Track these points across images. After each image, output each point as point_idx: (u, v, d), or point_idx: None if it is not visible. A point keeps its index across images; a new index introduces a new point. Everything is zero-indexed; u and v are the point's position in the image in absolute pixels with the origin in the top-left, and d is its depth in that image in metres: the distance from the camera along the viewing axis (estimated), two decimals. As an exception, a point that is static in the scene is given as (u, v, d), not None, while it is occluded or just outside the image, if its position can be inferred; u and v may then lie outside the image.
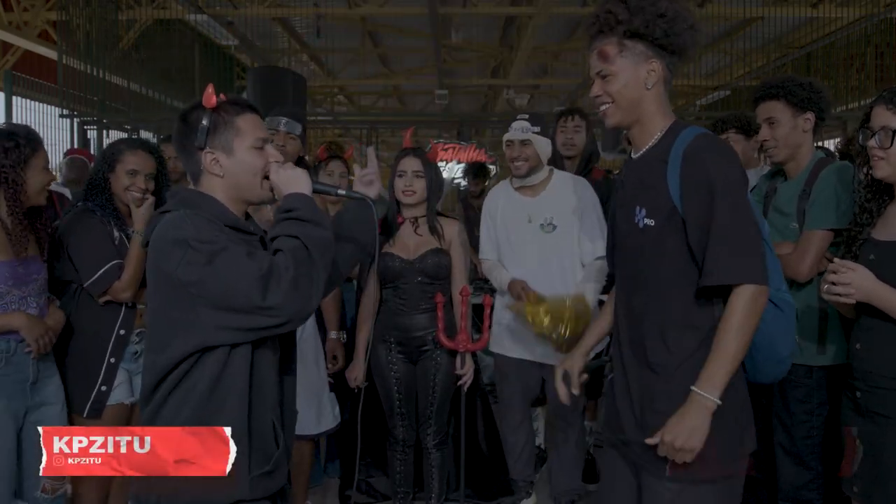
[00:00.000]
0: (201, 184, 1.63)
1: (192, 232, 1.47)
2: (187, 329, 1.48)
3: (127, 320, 2.56)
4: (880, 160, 1.90)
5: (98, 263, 2.46)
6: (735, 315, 1.59)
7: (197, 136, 1.58)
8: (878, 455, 1.87)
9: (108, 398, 2.51)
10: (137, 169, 2.58)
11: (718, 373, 1.58)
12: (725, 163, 1.62)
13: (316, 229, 1.53)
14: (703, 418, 1.58)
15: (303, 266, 1.47)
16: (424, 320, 2.86)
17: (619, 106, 1.70)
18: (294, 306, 1.46)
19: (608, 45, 1.68)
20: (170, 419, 1.52)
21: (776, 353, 1.74)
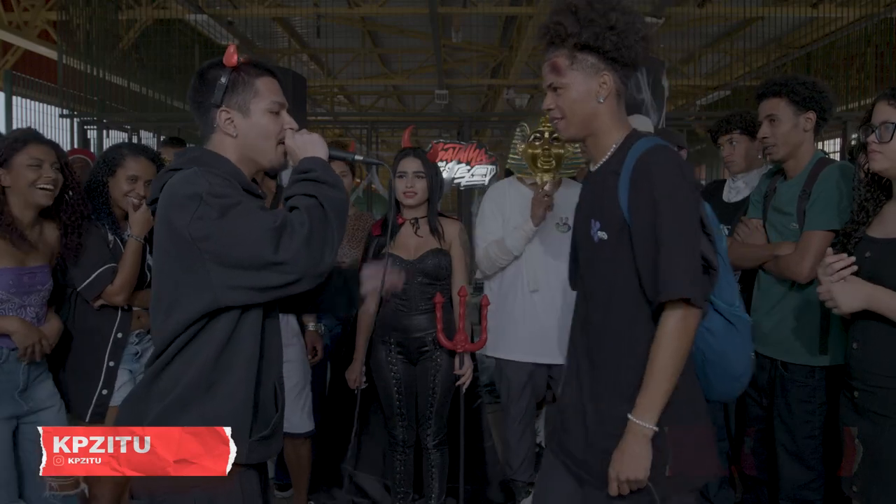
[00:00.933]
0: (212, 142, 1.60)
1: (204, 186, 1.45)
2: (198, 289, 1.45)
3: (124, 323, 2.55)
4: (878, 154, 1.90)
5: (91, 267, 2.44)
6: (665, 337, 1.55)
7: (214, 93, 1.56)
8: (877, 454, 1.87)
9: (111, 401, 2.51)
10: (138, 175, 2.57)
11: (653, 398, 1.55)
12: (671, 177, 1.57)
13: (332, 190, 1.51)
14: (641, 447, 1.55)
15: (318, 224, 1.45)
16: (424, 321, 2.85)
17: (571, 120, 1.68)
18: (307, 263, 1.43)
19: (559, 58, 1.65)
20: (172, 382, 1.50)
21: (730, 370, 1.70)
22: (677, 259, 1.54)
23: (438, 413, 2.93)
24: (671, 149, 1.65)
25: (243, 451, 1.51)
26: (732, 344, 1.68)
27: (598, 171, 1.72)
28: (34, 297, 2.33)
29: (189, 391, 1.49)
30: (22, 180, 2.28)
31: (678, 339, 1.55)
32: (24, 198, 2.30)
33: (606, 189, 1.65)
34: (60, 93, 7.75)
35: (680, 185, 1.58)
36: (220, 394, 1.50)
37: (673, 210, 1.55)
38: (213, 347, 1.49)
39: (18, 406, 2.31)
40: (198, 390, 1.49)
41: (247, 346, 1.52)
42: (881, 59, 9.01)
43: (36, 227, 2.37)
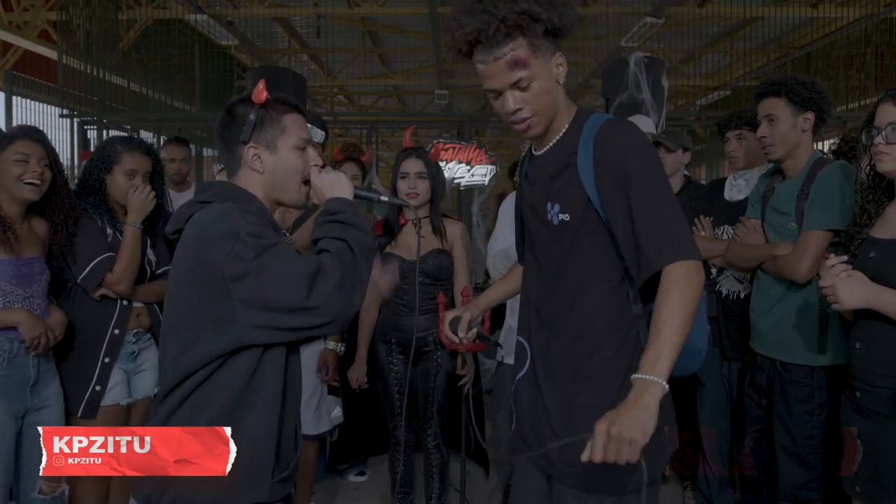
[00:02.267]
0: (238, 178, 1.60)
1: (243, 225, 1.43)
2: (222, 326, 1.43)
3: (122, 319, 2.55)
4: (886, 155, 1.89)
5: (89, 258, 2.44)
6: (672, 291, 1.42)
7: (242, 130, 1.56)
8: (879, 454, 1.87)
9: (103, 398, 2.50)
10: (136, 169, 2.56)
11: (663, 354, 1.38)
12: (638, 146, 1.50)
13: (361, 234, 1.51)
14: (653, 406, 1.35)
15: (348, 268, 1.45)
16: (426, 321, 2.85)
17: (544, 113, 1.55)
18: (338, 307, 1.42)
19: (519, 50, 1.48)
20: (189, 420, 1.46)
21: (693, 344, 1.55)
22: (671, 222, 1.47)
23: (439, 413, 2.93)
24: (625, 120, 1.61)
25: (265, 490, 1.50)
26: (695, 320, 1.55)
27: (547, 153, 1.62)
28: (36, 288, 2.34)
29: None
30: (7, 175, 2.28)
31: (687, 290, 1.42)
32: (11, 192, 2.30)
33: (563, 170, 1.56)
34: (60, 93, 7.75)
35: (647, 154, 1.51)
36: (242, 435, 1.46)
37: (649, 178, 1.48)
38: (235, 385, 1.46)
39: (26, 401, 2.32)
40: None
41: (270, 384, 1.50)
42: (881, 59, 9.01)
43: (24, 223, 2.37)
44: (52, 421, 2.38)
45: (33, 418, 2.34)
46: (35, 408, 2.35)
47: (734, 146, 3.01)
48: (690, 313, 1.42)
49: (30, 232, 2.38)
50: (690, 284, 1.43)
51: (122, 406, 2.57)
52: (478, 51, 1.52)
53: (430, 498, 3.03)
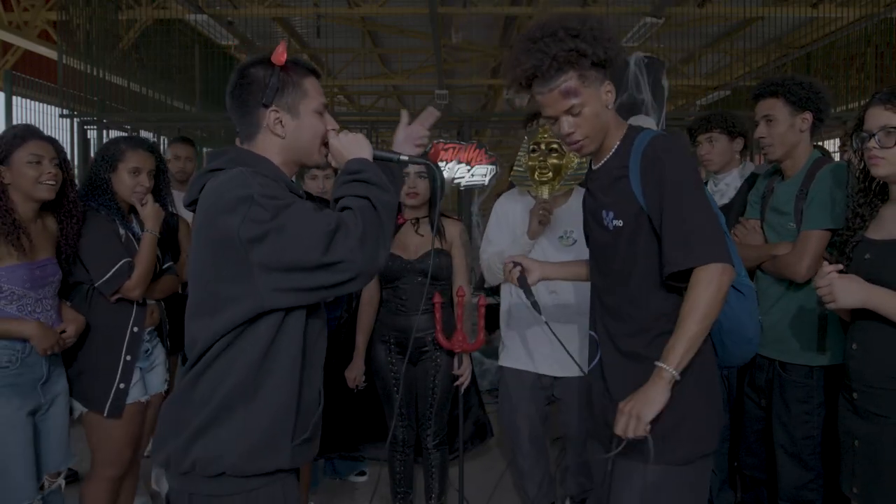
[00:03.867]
0: (256, 142, 1.57)
1: (256, 188, 1.41)
2: (243, 293, 1.42)
3: (139, 318, 2.58)
4: (880, 160, 1.87)
5: (109, 263, 2.46)
6: (697, 291, 1.62)
7: (265, 93, 1.52)
8: (877, 455, 1.87)
9: (128, 398, 2.52)
10: (140, 167, 2.59)
11: (678, 348, 1.63)
12: (678, 160, 1.69)
13: (383, 192, 1.49)
14: (661, 389, 1.64)
15: (370, 224, 1.43)
16: (424, 321, 2.85)
17: (594, 137, 1.77)
18: (362, 262, 1.40)
19: (570, 81, 1.70)
20: (212, 387, 1.46)
21: (744, 334, 1.84)
22: (704, 228, 1.64)
23: (438, 413, 2.93)
24: (670, 135, 1.79)
25: (287, 456, 1.50)
26: (745, 310, 1.83)
27: (602, 167, 1.83)
28: (48, 290, 2.36)
29: (231, 397, 1.46)
30: (23, 178, 2.29)
31: (711, 293, 1.62)
32: (28, 194, 2.31)
33: (617, 182, 1.76)
34: (60, 93, 7.75)
35: (687, 167, 1.70)
36: (264, 399, 1.47)
37: (685, 187, 1.66)
38: (257, 351, 1.46)
39: (38, 398, 2.34)
40: (241, 396, 1.46)
41: (290, 348, 1.50)
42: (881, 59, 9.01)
43: (38, 221, 2.39)
44: (59, 416, 2.42)
45: (42, 414, 2.37)
46: (45, 404, 2.37)
47: (706, 149, 3.04)
48: (707, 311, 1.63)
49: (43, 231, 2.39)
50: (710, 285, 1.62)
51: (142, 402, 2.60)
52: (535, 84, 1.74)
53: (430, 498, 3.04)
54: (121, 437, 2.54)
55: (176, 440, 1.48)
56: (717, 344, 1.84)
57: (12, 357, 2.26)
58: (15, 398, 2.26)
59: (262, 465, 1.48)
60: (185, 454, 1.47)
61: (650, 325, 1.75)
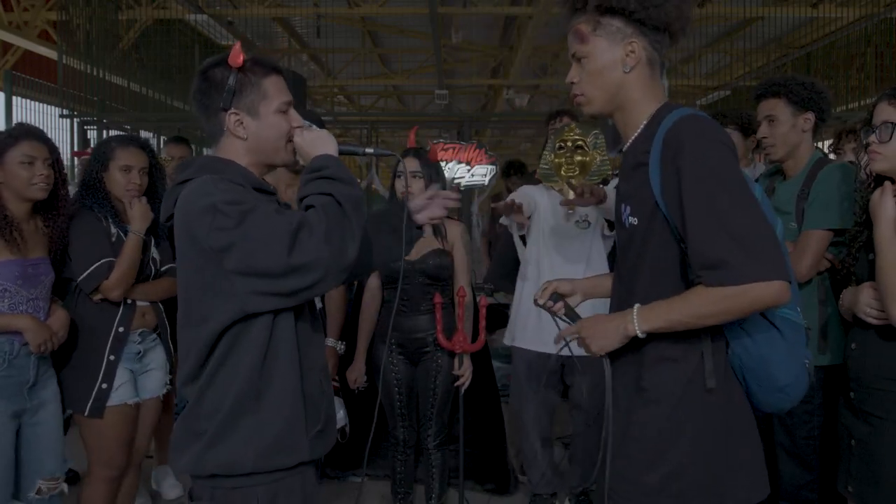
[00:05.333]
0: (221, 146, 1.58)
1: (219, 196, 1.42)
2: (224, 298, 1.44)
3: (125, 318, 2.55)
4: (878, 154, 1.89)
5: (90, 260, 2.45)
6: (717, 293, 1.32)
7: (222, 97, 1.52)
8: (872, 455, 1.87)
9: (109, 397, 2.51)
10: (131, 164, 2.58)
11: (660, 312, 1.38)
12: (706, 147, 1.36)
13: (346, 187, 1.47)
14: (616, 332, 1.43)
15: (335, 220, 1.41)
16: (425, 321, 2.85)
17: (593, 96, 1.52)
18: (328, 260, 1.39)
19: (582, 24, 1.50)
20: (219, 398, 1.49)
21: (771, 380, 1.46)
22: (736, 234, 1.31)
23: (439, 414, 2.93)
24: (699, 116, 1.43)
25: (305, 450, 1.54)
26: (774, 350, 1.44)
27: (628, 150, 1.54)
28: (40, 289, 2.35)
29: (239, 404, 1.49)
30: (15, 178, 2.29)
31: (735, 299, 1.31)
32: (20, 194, 2.31)
33: (635, 171, 1.48)
34: (60, 93, 7.75)
35: (704, 152, 1.36)
36: (270, 401, 1.50)
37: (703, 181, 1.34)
38: (253, 357, 1.48)
39: (24, 402, 2.32)
40: (247, 402, 1.49)
41: (285, 348, 1.52)
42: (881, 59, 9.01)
43: (31, 221, 2.38)
44: (50, 421, 2.39)
45: (31, 418, 2.35)
46: (33, 408, 2.35)
47: None
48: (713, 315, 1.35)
49: (36, 231, 2.39)
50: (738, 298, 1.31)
51: (130, 405, 2.57)
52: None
53: (430, 498, 3.03)
54: (111, 439, 2.53)
55: (191, 450, 1.51)
56: (741, 382, 1.49)
57: None
58: (1, 402, 2.25)
59: (282, 462, 1.52)
60: (204, 462, 1.50)
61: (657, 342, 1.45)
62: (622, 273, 1.59)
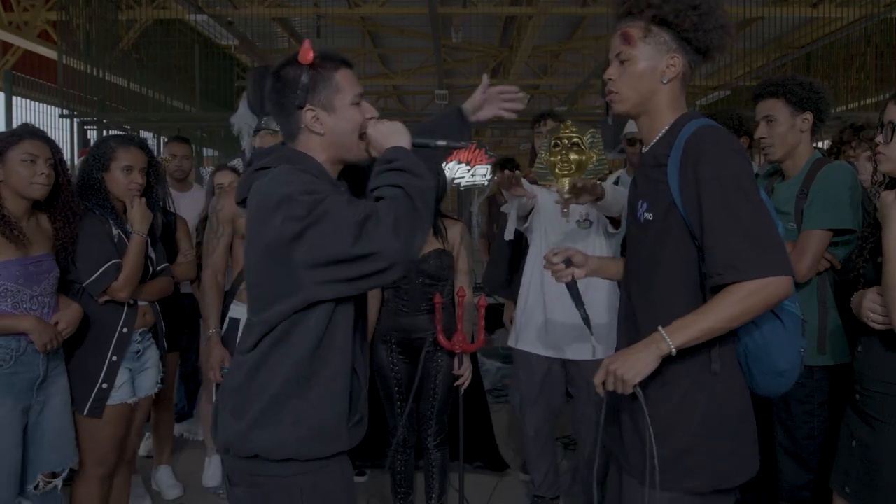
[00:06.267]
0: (299, 142, 1.60)
1: (295, 186, 1.44)
2: (292, 286, 1.46)
3: (129, 318, 2.56)
4: (882, 155, 1.89)
5: (96, 263, 2.45)
6: (743, 289, 1.44)
7: (297, 95, 1.54)
8: (871, 458, 1.87)
9: (110, 397, 2.51)
10: (132, 165, 2.58)
11: (691, 325, 1.47)
12: (724, 154, 1.49)
13: (417, 179, 1.48)
14: (651, 357, 1.48)
15: (404, 212, 1.42)
16: (426, 321, 2.85)
17: (628, 97, 1.63)
18: (395, 250, 1.40)
19: (633, 28, 1.60)
20: (271, 376, 1.51)
21: (772, 365, 1.61)
22: (751, 236, 1.45)
23: (439, 413, 2.93)
24: (718, 127, 1.58)
25: (345, 439, 1.56)
26: (776, 339, 1.60)
27: (647, 153, 1.67)
28: (44, 286, 2.35)
29: (289, 385, 1.51)
30: (16, 176, 2.30)
31: (752, 297, 1.44)
32: (20, 192, 2.31)
33: (655, 171, 1.61)
34: (60, 93, 7.75)
35: (731, 162, 1.49)
36: (320, 386, 1.52)
37: (722, 188, 1.47)
38: (310, 341, 1.50)
39: (33, 398, 2.33)
40: (298, 384, 1.51)
41: (341, 335, 1.54)
42: (881, 59, 9.02)
43: (32, 219, 2.38)
44: (57, 416, 2.40)
45: (38, 415, 2.36)
46: (41, 403, 2.36)
47: None
48: (737, 316, 1.46)
49: (37, 229, 2.39)
50: (755, 296, 1.44)
51: (129, 405, 2.59)
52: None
53: (430, 498, 3.03)
54: (105, 438, 2.53)
55: (236, 427, 1.53)
56: (744, 368, 1.64)
57: (6, 355, 2.25)
58: (9, 398, 2.25)
59: (324, 449, 1.54)
60: (247, 441, 1.52)
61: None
62: (633, 266, 1.69)
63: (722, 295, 1.47)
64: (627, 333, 1.69)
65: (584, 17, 10.18)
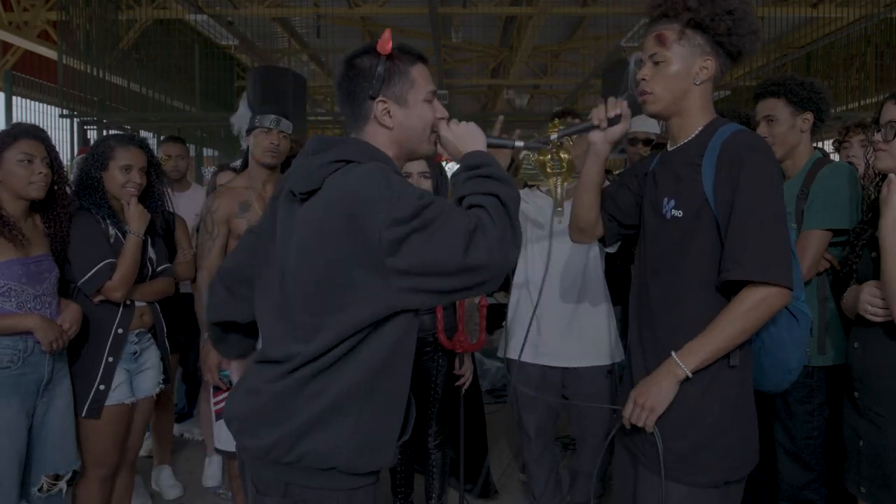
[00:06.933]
0: (365, 134, 1.51)
1: (397, 187, 1.35)
2: (375, 293, 1.36)
3: (125, 319, 2.56)
4: (882, 152, 1.90)
5: (90, 262, 2.45)
6: (741, 308, 1.54)
7: (372, 84, 1.47)
8: (881, 456, 1.87)
9: (107, 398, 2.51)
10: (131, 164, 2.58)
11: (701, 348, 1.57)
12: (761, 162, 1.57)
13: (508, 188, 1.42)
14: (669, 383, 1.59)
15: (504, 222, 1.36)
16: (426, 321, 2.85)
17: (661, 95, 1.67)
18: (497, 264, 1.33)
19: (668, 30, 1.64)
20: (330, 383, 1.40)
21: (785, 361, 1.70)
22: (768, 242, 1.53)
23: (440, 414, 2.93)
24: (753, 133, 1.66)
25: (391, 456, 1.49)
26: (792, 336, 1.68)
27: (677, 150, 1.72)
28: (46, 286, 2.35)
29: (349, 394, 1.41)
30: (14, 177, 2.29)
31: (753, 312, 1.54)
32: (17, 193, 2.31)
33: (687, 169, 1.65)
34: (60, 93, 7.74)
35: (766, 168, 1.57)
36: (381, 399, 1.45)
37: (756, 193, 1.54)
38: (383, 351, 1.41)
39: (38, 399, 2.33)
40: (359, 394, 1.42)
41: (407, 349, 1.47)
42: (881, 59, 9.01)
43: (29, 220, 2.38)
44: (61, 418, 2.41)
45: (43, 416, 2.36)
46: (45, 405, 2.36)
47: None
48: (743, 331, 1.56)
49: (35, 229, 2.39)
50: (756, 309, 1.54)
51: (127, 405, 2.58)
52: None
53: (430, 498, 3.03)
54: (105, 439, 2.53)
55: (281, 430, 1.42)
56: (756, 364, 1.71)
57: (14, 357, 2.25)
58: (15, 400, 2.25)
59: (370, 464, 1.46)
60: (294, 445, 1.41)
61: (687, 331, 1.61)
62: (653, 260, 1.73)
63: (725, 313, 1.56)
64: (639, 317, 1.76)
65: (584, 17, 10.17)
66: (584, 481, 2.94)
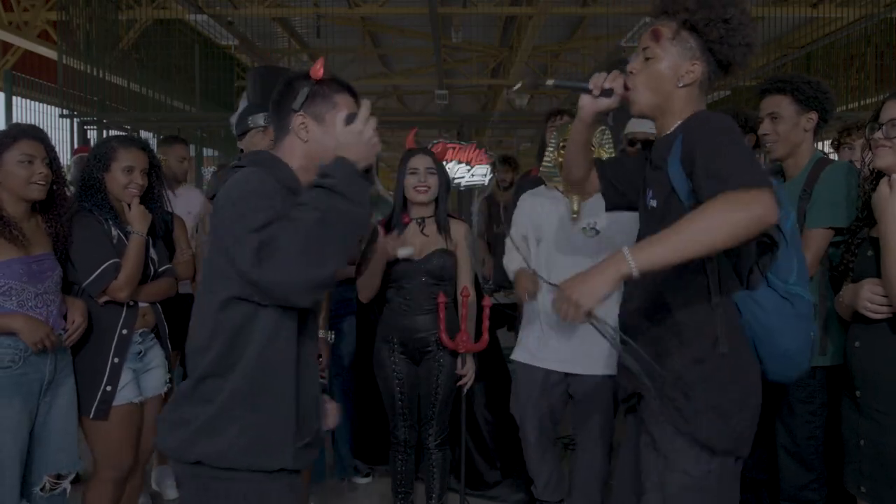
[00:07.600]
0: (282, 145, 1.65)
1: (253, 186, 1.49)
2: (227, 276, 1.49)
3: (129, 319, 2.56)
4: (885, 149, 1.89)
5: (95, 263, 2.45)
6: (713, 205, 1.40)
7: (295, 99, 1.62)
8: (882, 453, 1.87)
9: (115, 398, 2.51)
10: (133, 165, 2.58)
11: (654, 243, 1.43)
12: (714, 116, 1.60)
13: (345, 203, 1.43)
14: (609, 278, 1.43)
15: (310, 242, 1.38)
16: (428, 321, 2.85)
17: (643, 93, 1.69)
18: (285, 283, 1.40)
19: (664, 27, 1.66)
20: (216, 388, 1.53)
21: (777, 346, 1.66)
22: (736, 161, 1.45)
23: (441, 414, 2.93)
24: (711, 111, 1.67)
25: (290, 457, 1.57)
26: (784, 320, 1.64)
27: (655, 145, 1.76)
28: (48, 285, 2.34)
29: (234, 400, 1.53)
30: (14, 178, 2.29)
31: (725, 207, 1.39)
32: (17, 193, 2.31)
33: (659, 161, 1.69)
34: (60, 93, 7.74)
35: (714, 126, 1.55)
36: (265, 403, 1.54)
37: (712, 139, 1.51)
38: (254, 352, 1.52)
39: (40, 399, 2.33)
40: (243, 400, 1.53)
41: (286, 352, 1.56)
42: (881, 59, 9.01)
43: (31, 220, 2.38)
44: (63, 418, 2.40)
45: (45, 415, 2.36)
46: (48, 405, 2.36)
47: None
48: (710, 227, 1.39)
49: (38, 229, 2.39)
50: (731, 203, 1.38)
51: (136, 403, 2.58)
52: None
53: (431, 498, 3.03)
54: (117, 439, 2.52)
55: (182, 433, 1.55)
56: (759, 355, 1.70)
57: (15, 356, 2.25)
58: (17, 399, 2.25)
59: (266, 463, 1.55)
60: (192, 447, 1.54)
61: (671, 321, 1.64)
62: None
63: (698, 209, 1.42)
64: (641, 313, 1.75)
65: (584, 17, 10.17)
66: (580, 488, 2.92)
